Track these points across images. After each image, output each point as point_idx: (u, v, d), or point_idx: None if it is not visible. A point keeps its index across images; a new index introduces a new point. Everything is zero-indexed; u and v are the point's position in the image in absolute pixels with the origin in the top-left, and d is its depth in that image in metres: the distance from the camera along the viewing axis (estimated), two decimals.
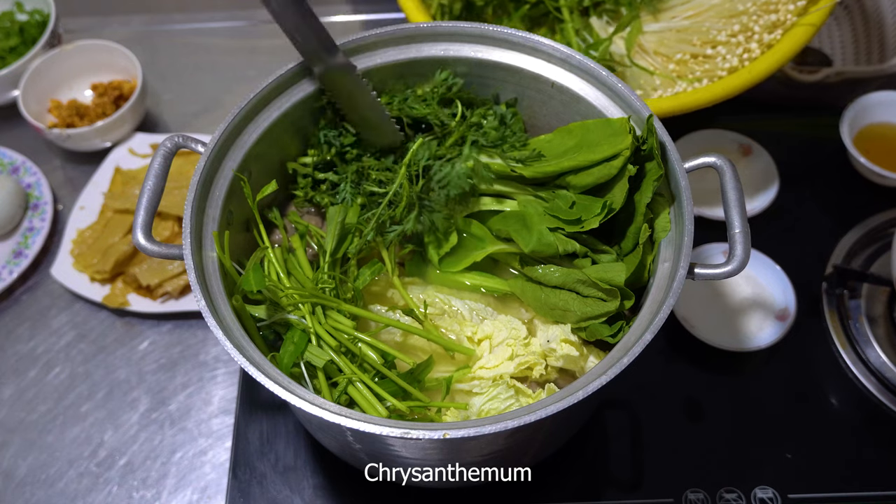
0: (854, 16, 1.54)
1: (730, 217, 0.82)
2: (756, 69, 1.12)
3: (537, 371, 0.87)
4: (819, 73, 1.35)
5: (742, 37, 1.16)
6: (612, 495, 1.07)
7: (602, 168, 0.86)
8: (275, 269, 0.88)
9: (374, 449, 0.88)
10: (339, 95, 0.92)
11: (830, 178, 1.36)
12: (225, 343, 0.74)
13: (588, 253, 0.89)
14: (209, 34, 1.72)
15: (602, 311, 0.84)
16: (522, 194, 0.94)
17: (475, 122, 0.96)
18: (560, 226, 0.88)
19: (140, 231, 0.81)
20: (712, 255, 1.24)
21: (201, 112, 1.58)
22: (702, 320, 1.19)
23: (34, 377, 1.26)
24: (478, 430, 0.69)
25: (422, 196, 0.92)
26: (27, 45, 1.53)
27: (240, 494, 1.09)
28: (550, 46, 0.93)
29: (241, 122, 0.90)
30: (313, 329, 0.83)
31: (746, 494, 1.06)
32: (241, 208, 0.91)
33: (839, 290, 1.22)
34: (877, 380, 1.15)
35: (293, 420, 1.14)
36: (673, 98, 1.12)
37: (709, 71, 1.17)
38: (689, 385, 1.17)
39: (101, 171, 1.42)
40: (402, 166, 0.91)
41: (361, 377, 0.82)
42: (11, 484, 1.16)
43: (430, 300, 0.91)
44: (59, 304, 1.33)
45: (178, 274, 1.28)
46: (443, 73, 0.97)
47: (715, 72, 1.16)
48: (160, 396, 1.22)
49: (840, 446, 1.11)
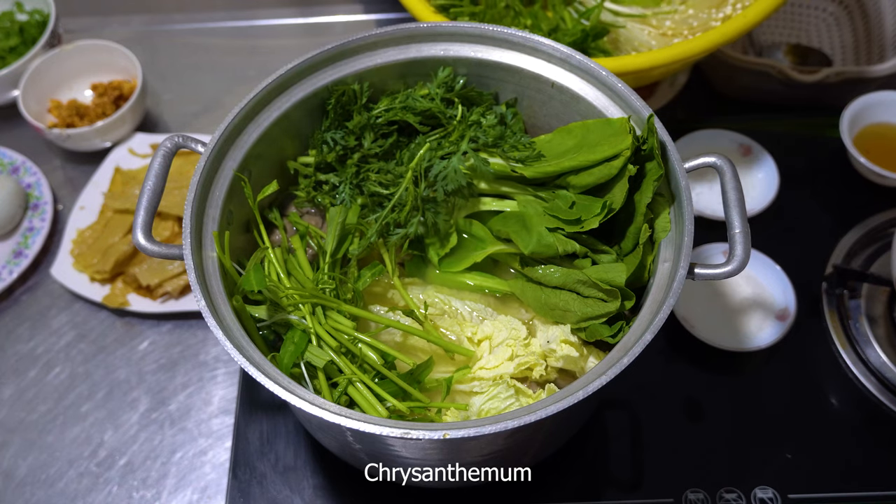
0: (854, 16, 1.54)
1: (730, 217, 0.82)
2: (749, 14, 1.11)
3: (537, 371, 0.87)
4: (819, 73, 1.35)
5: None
6: (612, 495, 1.07)
7: (602, 168, 0.86)
8: (275, 270, 0.88)
9: (374, 449, 0.88)
10: None
11: (830, 178, 1.36)
12: (225, 343, 0.74)
13: (588, 253, 0.89)
14: (209, 34, 1.72)
15: (603, 312, 0.84)
16: (522, 194, 0.94)
17: (474, 121, 0.96)
18: (560, 226, 0.88)
19: (140, 231, 0.81)
20: (712, 255, 1.24)
21: (201, 112, 1.58)
22: (702, 320, 1.19)
23: (34, 377, 1.26)
24: (478, 430, 0.69)
25: (424, 198, 0.92)
26: (27, 45, 1.53)
27: (240, 494, 1.09)
28: (550, 46, 0.93)
29: (241, 122, 0.90)
30: (313, 329, 0.83)
31: (746, 494, 1.06)
32: (241, 208, 0.91)
33: (839, 290, 1.22)
34: (877, 380, 1.15)
35: (293, 420, 1.14)
36: (670, 49, 1.11)
37: (704, 22, 1.16)
38: (689, 385, 1.17)
39: (101, 171, 1.42)
40: (409, 170, 0.91)
41: (362, 377, 0.82)
42: (11, 484, 1.16)
43: (430, 301, 0.91)
44: (59, 304, 1.33)
45: (178, 274, 1.28)
46: (445, 69, 0.97)
47: (709, 24, 1.16)
48: (160, 396, 1.22)
49: (840, 446, 1.11)
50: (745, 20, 1.10)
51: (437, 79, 0.97)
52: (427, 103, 0.95)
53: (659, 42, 1.16)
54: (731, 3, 1.15)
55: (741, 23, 1.09)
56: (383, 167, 0.95)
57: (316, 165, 0.98)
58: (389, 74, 0.98)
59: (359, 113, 0.97)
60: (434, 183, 0.91)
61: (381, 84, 0.98)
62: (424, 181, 0.91)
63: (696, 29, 1.16)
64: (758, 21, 1.10)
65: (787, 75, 1.35)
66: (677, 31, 1.17)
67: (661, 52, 1.09)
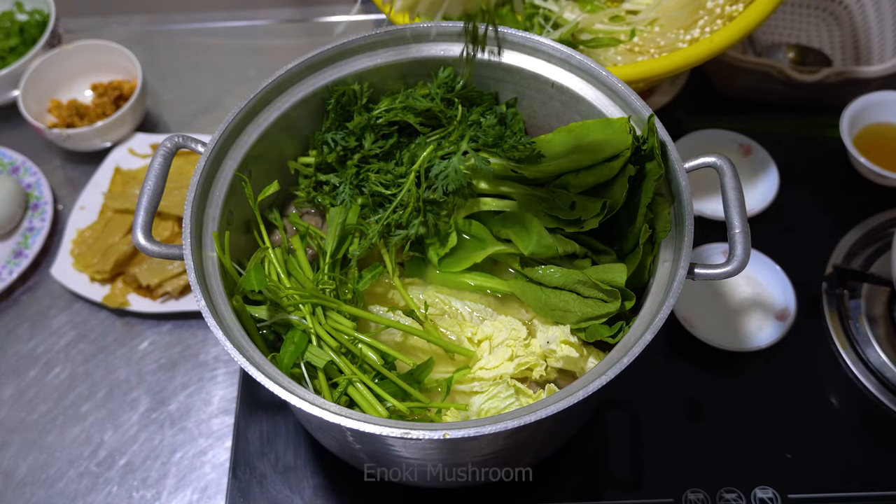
0: (854, 16, 1.54)
1: (730, 217, 0.82)
2: (717, 39, 1.12)
3: (537, 372, 0.87)
4: (819, 73, 1.35)
5: (706, 17, 1.17)
6: (612, 495, 1.07)
7: (602, 168, 0.86)
8: (275, 270, 0.88)
9: (374, 449, 0.88)
10: None
11: (830, 178, 1.36)
12: (225, 343, 0.74)
13: (588, 253, 0.89)
14: (209, 34, 1.72)
15: (603, 312, 0.84)
16: (522, 195, 0.93)
17: (474, 120, 0.96)
18: (560, 226, 0.88)
19: (140, 231, 0.81)
20: (712, 255, 1.24)
21: (201, 112, 1.58)
22: (702, 320, 1.19)
23: (34, 377, 1.26)
24: (478, 430, 0.69)
25: (426, 199, 0.92)
26: (27, 45, 1.53)
27: (240, 494, 1.09)
28: (550, 46, 0.93)
29: (241, 122, 0.90)
30: (314, 330, 0.83)
31: (746, 494, 1.06)
32: (241, 208, 0.91)
33: (839, 290, 1.22)
34: (877, 380, 1.15)
35: (293, 420, 1.14)
36: (633, 66, 1.12)
37: (671, 43, 1.17)
38: (689, 385, 1.17)
39: (101, 171, 1.42)
40: (412, 172, 0.91)
41: (362, 378, 0.82)
42: (11, 484, 1.16)
43: (430, 301, 0.91)
44: (59, 304, 1.33)
45: (178, 274, 1.28)
46: (445, 70, 0.97)
47: (675, 45, 1.17)
48: (160, 396, 1.22)
49: (840, 446, 1.11)
50: (711, 44, 1.11)
51: (438, 79, 0.97)
52: (427, 103, 0.95)
53: (625, 58, 1.17)
54: (699, 27, 1.16)
55: (706, 47, 1.11)
56: (383, 167, 0.95)
57: (316, 166, 0.98)
58: (389, 75, 0.98)
59: (359, 113, 0.97)
60: (434, 183, 0.91)
61: (382, 84, 0.98)
62: (425, 181, 0.91)
63: (663, 48, 1.16)
64: (725, 46, 1.11)
65: (787, 75, 1.35)
66: (644, 49, 1.18)
67: (627, 68, 1.11)
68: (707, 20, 1.16)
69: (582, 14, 1.19)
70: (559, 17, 1.19)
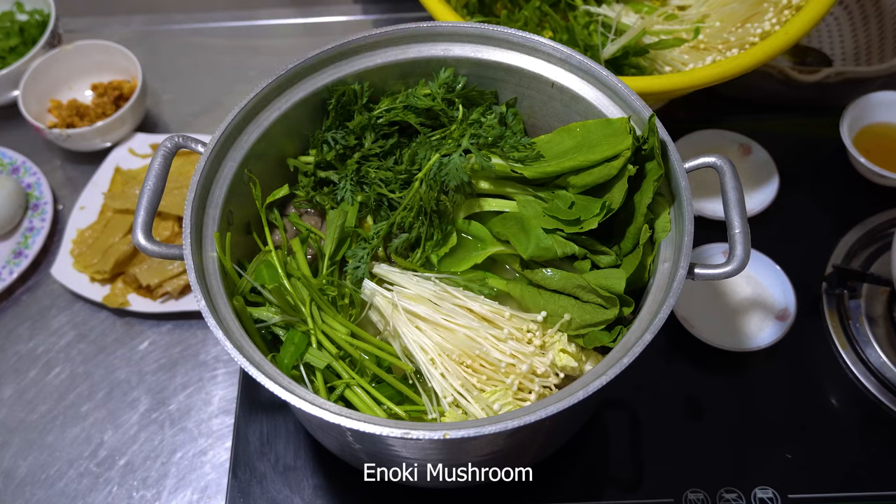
0: (854, 16, 1.54)
1: (730, 217, 0.82)
2: (791, 30, 1.08)
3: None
4: (819, 73, 1.35)
5: (771, 9, 1.14)
6: (612, 495, 1.07)
7: (602, 168, 0.86)
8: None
9: (374, 449, 0.88)
10: None
11: (830, 178, 1.36)
12: (225, 343, 0.74)
13: (587, 254, 0.89)
14: (209, 34, 1.72)
15: (601, 319, 0.83)
16: (522, 195, 0.93)
17: (475, 119, 0.96)
18: (559, 227, 0.88)
19: (140, 231, 0.81)
20: (712, 255, 1.24)
21: (201, 112, 1.58)
22: (702, 320, 1.19)
23: (34, 377, 1.26)
24: (478, 430, 0.69)
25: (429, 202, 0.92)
26: (27, 45, 1.53)
27: (240, 494, 1.09)
28: (550, 46, 0.93)
29: (241, 122, 0.90)
30: (314, 331, 0.83)
31: (746, 494, 1.06)
32: (242, 208, 0.91)
33: (839, 290, 1.22)
34: (877, 380, 1.15)
35: (293, 420, 1.14)
36: (714, 66, 1.09)
37: (741, 38, 1.14)
38: (689, 385, 1.17)
39: (101, 171, 1.42)
40: (417, 181, 0.90)
41: (359, 381, 0.82)
42: (11, 484, 1.16)
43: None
44: (59, 304, 1.33)
45: (178, 274, 1.28)
46: (446, 70, 0.97)
47: (746, 39, 1.14)
48: (160, 396, 1.22)
49: (840, 446, 1.11)
50: (786, 36, 1.07)
51: (439, 79, 0.97)
52: (429, 102, 0.95)
53: (691, 56, 1.14)
54: (766, 19, 1.12)
55: (782, 39, 1.06)
56: (383, 165, 0.95)
57: (316, 164, 0.98)
58: (390, 74, 0.98)
59: (359, 113, 0.97)
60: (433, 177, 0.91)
61: (382, 84, 0.98)
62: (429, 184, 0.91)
63: (732, 45, 1.13)
64: (799, 35, 1.07)
65: (787, 75, 1.35)
66: (711, 46, 1.15)
67: (709, 69, 1.08)
68: (774, 11, 1.12)
69: (637, 17, 1.16)
70: (620, 22, 1.17)
